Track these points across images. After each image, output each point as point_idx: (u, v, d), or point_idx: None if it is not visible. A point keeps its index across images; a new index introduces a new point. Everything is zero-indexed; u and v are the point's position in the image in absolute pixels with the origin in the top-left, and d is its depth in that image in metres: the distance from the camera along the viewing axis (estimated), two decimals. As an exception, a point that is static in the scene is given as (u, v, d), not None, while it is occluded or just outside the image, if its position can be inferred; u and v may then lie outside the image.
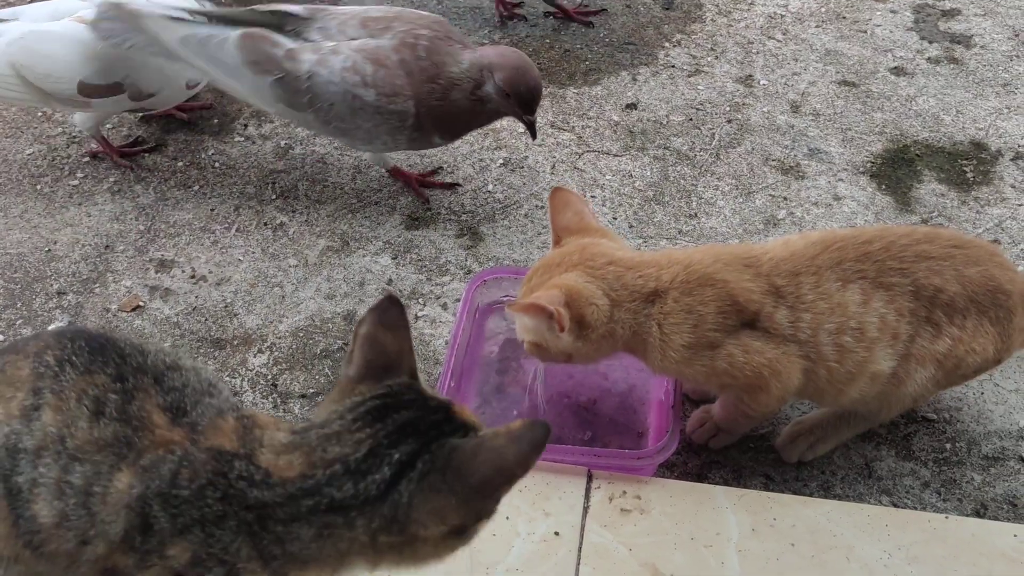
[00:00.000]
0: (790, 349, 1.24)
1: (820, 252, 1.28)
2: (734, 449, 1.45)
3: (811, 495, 1.38)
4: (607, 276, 1.24)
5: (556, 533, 1.26)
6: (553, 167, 1.96)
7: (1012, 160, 1.95)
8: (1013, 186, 1.89)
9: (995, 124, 2.04)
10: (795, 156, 1.97)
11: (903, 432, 1.47)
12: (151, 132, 2.04)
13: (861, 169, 1.94)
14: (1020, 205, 1.85)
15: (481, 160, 1.97)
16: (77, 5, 1.75)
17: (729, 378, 1.25)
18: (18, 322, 1.64)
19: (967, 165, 1.95)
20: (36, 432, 0.87)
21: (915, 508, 1.36)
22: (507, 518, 1.27)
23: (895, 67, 2.20)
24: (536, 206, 1.86)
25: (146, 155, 1.98)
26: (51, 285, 1.71)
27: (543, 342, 1.27)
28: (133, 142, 2.01)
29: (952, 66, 2.20)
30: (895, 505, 1.37)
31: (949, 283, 1.26)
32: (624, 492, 1.31)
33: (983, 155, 1.97)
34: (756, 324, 1.25)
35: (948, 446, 1.45)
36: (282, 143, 2.02)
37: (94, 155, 1.97)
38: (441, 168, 1.96)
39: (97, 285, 1.71)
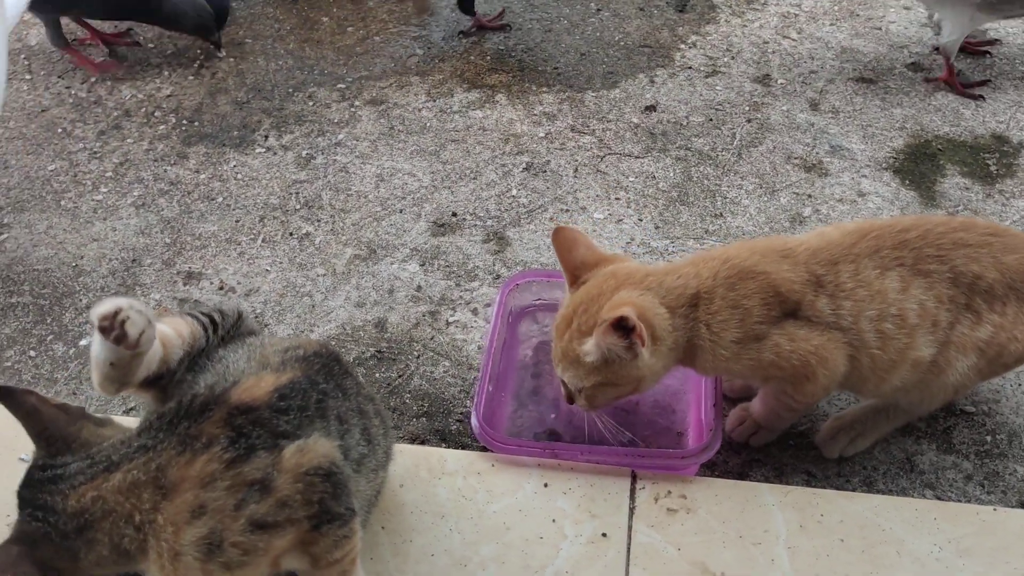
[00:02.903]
0: (835, 335, 1.23)
1: (857, 241, 1.27)
2: (774, 447, 1.44)
3: (854, 491, 1.37)
4: (652, 286, 1.23)
5: (603, 535, 1.25)
6: (576, 170, 1.96)
7: (1035, 152, 1.95)
8: (1037, 178, 1.89)
9: (1015, 117, 2.04)
10: (817, 154, 1.97)
11: (942, 426, 1.47)
12: (172, 146, 2.04)
13: (884, 165, 1.94)
14: (1045, 196, 1.85)
15: (503, 165, 1.97)
16: None
17: (776, 369, 1.24)
18: (49, 338, 1.64)
19: (990, 158, 1.95)
20: None
21: (960, 501, 1.35)
22: (553, 521, 1.27)
23: (911, 63, 2.21)
24: (561, 210, 1.86)
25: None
26: (80, 300, 1.71)
27: (610, 378, 1.23)
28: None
29: (968, 60, 2.20)
30: (939, 499, 1.36)
31: (988, 270, 1.26)
32: (669, 492, 1.30)
33: (1005, 148, 1.97)
34: (798, 314, 1.24)
35: (988, 439, 1.45)
36: (303, 153, 2.02)
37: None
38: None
39: (126, 299, 1.71)
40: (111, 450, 0.95)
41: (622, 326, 1.17)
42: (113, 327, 0.97)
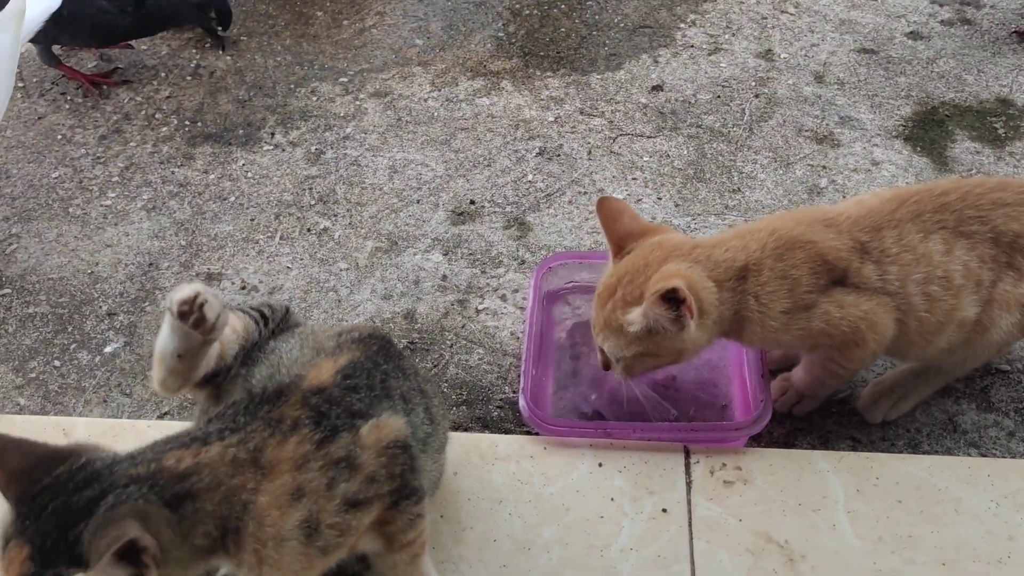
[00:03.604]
0: (883, 300, 1.24)
1: (898, 207, 1.28)
2: (817, 415, 1.44)
3: (900, 453, 1.38)
4: (700, 259, 1.23)
5: (664, 510, 1.25)
6: (589, 153, 1.95)
7: (1040, 114, 1.98)
8: (1045, 139, 1.92)
9: (1017, 80, 2.07)
10: (827, 125, 1.98)
11: (980, 385, 1.48)
12: (177, 148, 2.01)
13: (894, 133, 1.95)
14: (1055, 156, 1.88)
15: (516, 151, 1.96)
16: None
17: (826, 337, 1.25)
18: (72, 347, 1.60)
19: (997, 122, 1.97)
20: None
21: (1006, 458, 1.37)
22: (611, 499, 1.26)
23: (911, 32, 2.22)
24: (579, 192, 1.86)
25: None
26: (100, 307, 1.67)
27: (652, 348, 1.23)
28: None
29: (966, 27, 2.23)
30: (983, 456, 1.38)
31: (1027, 228, 1.27)
32: (724, 464, 1.30)
33: (1011, 111, 1.99)
34: (846, 281, 1.25)
35: (1026, 395, 1.46)
36: (312, 148, 1.99)
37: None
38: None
39: (147, 303, 1.68)
40: (191, 431, 0.92)
41: (672, 298, 1.17)
42: (192, 311, 0.95)
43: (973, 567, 1.17)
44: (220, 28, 2.23)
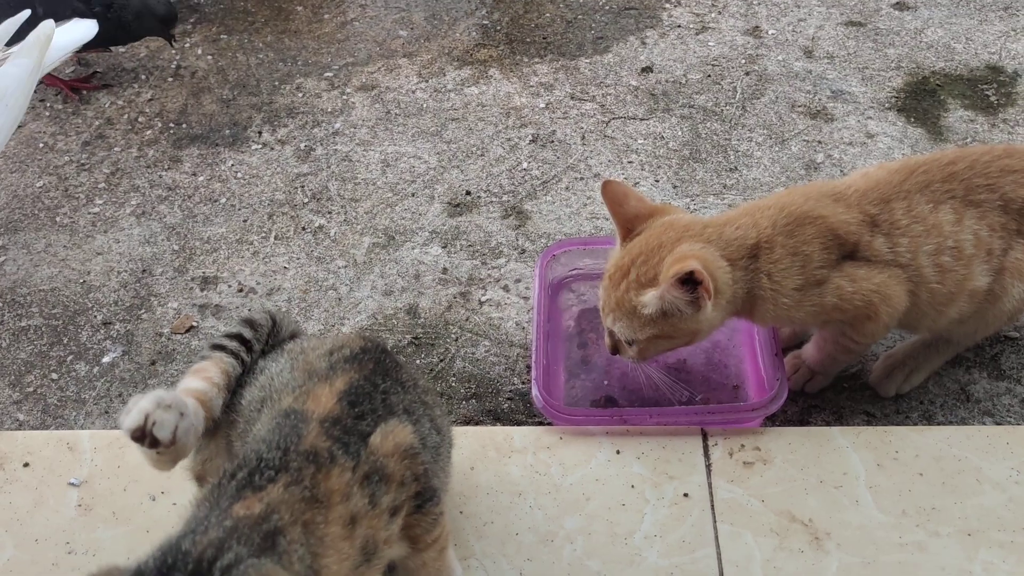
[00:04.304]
0: (895, 272, 1.23)
1: (905, 178, 1.27)
2: (829, 391, 1.44)
3: (915, 425, 1.37)
4: (712, 239, 1.21)
5: (685, 495, 1.23)
6: (583, 137, 1.93)
7: (1031, 79, 1.98)
8: (1037, 104, 1.92)
9: (1006, 47, 2.07)
10: (819, 100, 1.97)
11: (990, 353, 1.48)
12: (163, 151, 1.97)
13: (887, 105, 1.95)
14: (1048, 121, 1.88)
15: (509, 139, 1.94)
16: None
17: (839, 313, 1.24)
18: (69, 358, 1.57)
19: (988, 89, 1.96)
20: None
21: (1022, 425, 1.36)
22: (632, 487, 1.25)
23: (896, 2, 2.22)
24: (575, 178, 1.84)
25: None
26: (95, 316, 1.64)
27: (666, 331, 1.22)
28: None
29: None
30: (998, 424, 1.37)
31: (1036, 195, 1.27)
32: (742, 446, 1.29)
33: (1001, 78, 1.99)
34: (856, 255, 1.24)
35: (1036, 361, 1.46)
36: (302, 145, 1.96)
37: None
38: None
39: (143, 311, 1.64)
40: (240, 478, 0.89)
41: (689, 280, 1.15)
42: (145, 435, 0.93)
43: (999, 536, 1.17)
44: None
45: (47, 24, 1.71)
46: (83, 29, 1.87)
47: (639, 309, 1.21)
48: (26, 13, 1.79)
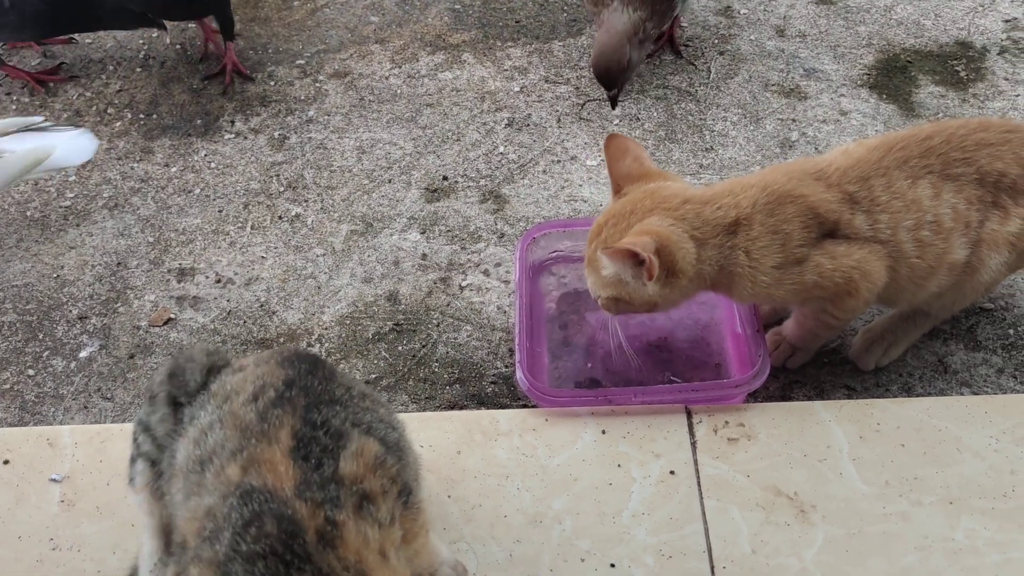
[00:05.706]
0: (875, 248, 1.24)
1: (884, 155, 1.28)
2: (810, 367, 1.45)
3: (895, 397, 1.39)
4: (687, 216, 1.22)
5: (671, 472, 1.24)
6: (558, 120, 1.93)
7: (999, 54, 2.00)
8: (1006, 79, 1.94)
9: (974, 23, 2.09)
10: (793, 78, 1.98)
11: (966, 325, 1.50)
12: (134, 142, 1.94)
13: (859, 82, 1.96)
14: (1017, 96, 1.90)
15: (484, 124, 1.93)
16: None
17: (819, 290, 1.25)
18: (45, 354, 1.55)
19: (958, 64, 1.98)
20: None
21: (999, 394, 1.38)
22: (619, 466, 1.25)
23: (866, -20, 2.23)
24: (552, 161, 1.83)
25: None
26: (70, 311, 1.61)
27: (624, 295, 1.25)
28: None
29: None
30: (976, 395, 1.39)
31: (1010, 166, 1.28)
32: (726, 422, 1.30)
33: (971, 53, 2.01)
34: (836, 233, 1.25)
35: (1011, 331, 1.48)
36: (275, 134, 1.94)
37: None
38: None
39: (119, 304, 1.62)
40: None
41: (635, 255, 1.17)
42: None
43: (979, 503, 1.19)
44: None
45: (49, 146, 1.62)
46: (77, 153, 1.69)
47: (600, 269, 1.24)
48: (38, 119, 1.68)
